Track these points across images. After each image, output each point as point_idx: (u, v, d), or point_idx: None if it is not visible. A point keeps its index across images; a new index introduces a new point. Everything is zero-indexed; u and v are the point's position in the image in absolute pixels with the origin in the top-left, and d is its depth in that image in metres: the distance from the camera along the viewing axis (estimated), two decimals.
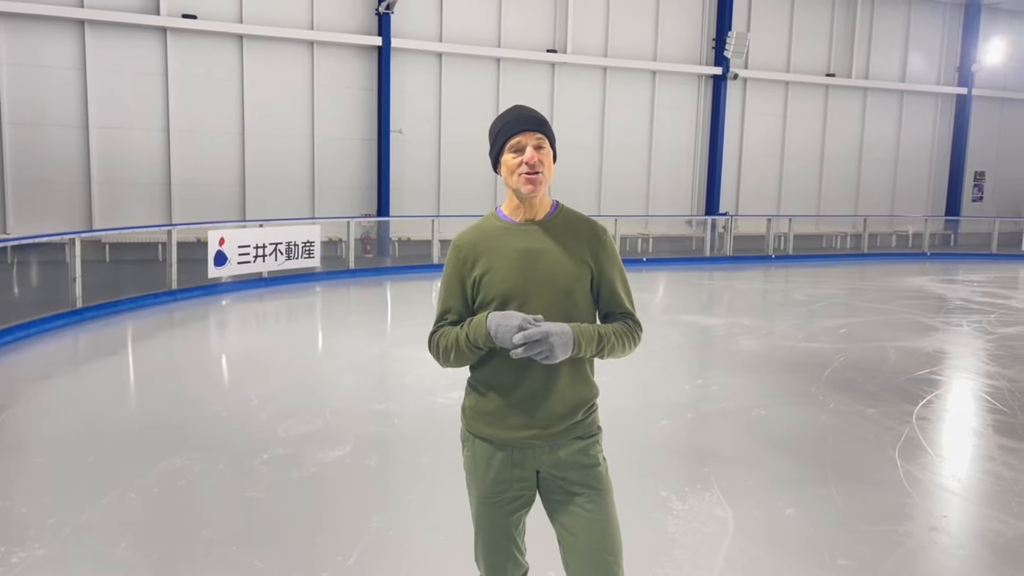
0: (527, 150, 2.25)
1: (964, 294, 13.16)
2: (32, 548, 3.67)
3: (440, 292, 2.40)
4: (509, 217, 2.37)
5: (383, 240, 16.44)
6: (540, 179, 2.27)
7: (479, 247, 2.33)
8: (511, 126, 2.28)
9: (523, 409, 2.29)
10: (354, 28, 16.07)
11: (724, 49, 18.81)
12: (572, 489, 2.34)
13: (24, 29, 13.74)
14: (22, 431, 5.55)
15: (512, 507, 2.36)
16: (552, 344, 2.13)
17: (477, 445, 2.38)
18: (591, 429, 2.40)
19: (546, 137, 2.30)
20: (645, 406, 6.28)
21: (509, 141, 2.27)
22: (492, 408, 2.32)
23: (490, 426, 2.34)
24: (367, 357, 8.11)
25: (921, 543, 3.93)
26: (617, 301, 2.38)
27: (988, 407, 6.47)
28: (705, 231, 18.34)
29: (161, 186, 15.05)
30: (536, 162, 2.25)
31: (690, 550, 3.79)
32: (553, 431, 2.31)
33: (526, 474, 2.34)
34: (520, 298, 2.26)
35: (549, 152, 2.30)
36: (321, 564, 3.57)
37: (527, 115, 2.30)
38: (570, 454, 2.34)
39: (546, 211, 2.38)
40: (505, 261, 2.28)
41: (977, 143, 23.11)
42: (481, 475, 2.36)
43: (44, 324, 8.66)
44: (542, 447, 2.31)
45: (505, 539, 2.39)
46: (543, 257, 2.28)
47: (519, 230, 2.33)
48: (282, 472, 4.67)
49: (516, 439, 2.31)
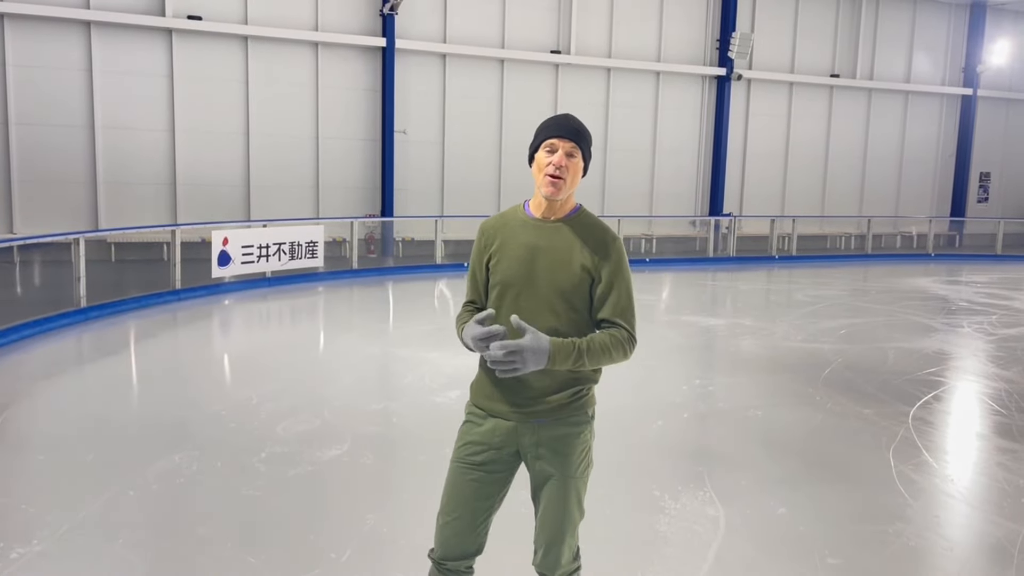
0: (558, 153, 2.38)
1: (967, 295, 13.15)
2: (31, 544, 3.72)
3: (468, 272, 2.61)
4: (532, 212, 2.51)
5: (386, 240, 16.50)
6: (562, 184, 2.38)
7: (498, 233, 2.51)
8: (552, 128, 2.41)
9: (510, 386, 2.44)
10: (358, 29, 16.13)
11: (728, 50, 18.80)
12: (546, 469, 2.46)
13: (31, 30, 13.84)
14: (24, 429, 5.62)
15: (474, 473, 2.46)
16: (524, 357, 2.22)
17: (474, 412, 2.54)
18: (579, 415, 2.48)
19: (580, 149, 2.41)
20: (642, 406, 6.31)
21: (547, 140, 2.40)
22: (489, 382, 2.48)
23: (486, 398, 2.50)
24: (368, 357, 8.16)
25: (911, 543, 3.95)
26: (612, 311, 2.41)
27: (985, 408, 6.49)
28: (709, 232, 18.34)
29: (166, 186, 15.13)
30: (563, 166, 2.37)
31: (680, 548, 3.82)
32: (537, 409, 2.43)
33: (503, 444, 2.46)
34: (517, 288, 2.41)
35: (579, 163, 2.42)
36: (314, 561, 3.61)
37: (570, 124, 2.42)
38: (553, 439, 2.45)
39: (567, 212, 2.48)
40: (513, 252, 2.44)
41: (982, 144, 23.05)
42: (463, 435, 2.54)
43: (48, 323, 8.73)
44: (525, 424, 2.44)
45: (459, 505, 2.47)
46: (546, 255, 2.41)
47: (535, 226, 2.47)
48: (279, 471, 4.71)
49: (504, 412, 2.45)
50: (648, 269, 16.21)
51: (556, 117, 2.46)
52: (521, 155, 17.80)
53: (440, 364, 7.45)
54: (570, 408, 2.45)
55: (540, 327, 2.33)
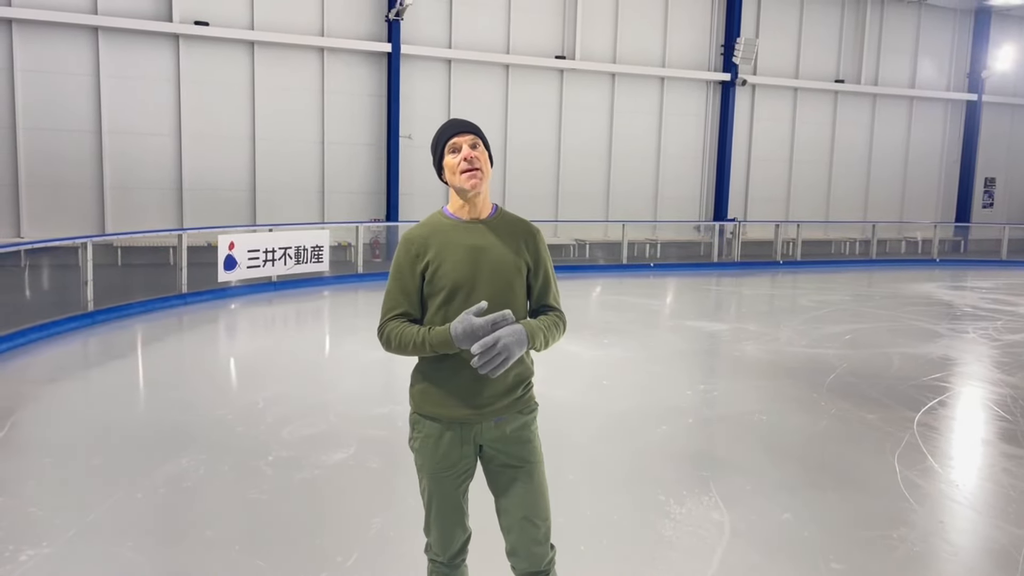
0: (463, 148, 2.51)
1: (972, 301, 13.13)
2: (40, 546, 3.75)
3: (389, 283, 2.59)
4: (455, 215, 2.61)
5: (391, 245, 16.52)
6: (480, 174, 2.51)
7: (429, 241, 2.55)
8: (446, 131, 2.56)
9: (469, 389, 2.51)
10: (364, 35, 16.19)
11: (733, 55, 18.82)
12: (510, 462, 2.58)
13: (39, 36, 13.92)
14: (32, 432, 5.65)
15: (459, 480, 2.60)
16: (507, 344, 2.32)
17: (427, 425, 2.59)
18: (530, 404, 2.65)
19: (479, 138, 2.55)
20: (646, 411, 6.33)
21: (447, 144, 2.54)
22: (440, 389, 2.54)
23: (439, 406, 2.55)
24: (372, 361, 8.18)
25: (916, 548, 3.96)
26: (548, 294, 2.65)
27: (990, 414, 6.48)
28: (713, 237, 18.34)
29: (172, 191, 15.19)
30: (473, 157, 2.49)
31: (685, 553, 3.83)
32: (497, 407, 2.54)
33: (472, 449, 2.58)
34: (467, 288, 2.49)
35: (484, 152, 2.55)
36: (321, 564, 3.63)
37: (460, 121, 2.59)
38: (514, 430, 2.58)
39: (488, 211, 2.63)
40: (455, 254, 2.50)
41: (987, 149, 23.02)
42: (431, 453, 2.58)
43: (56, 327, 8.78)
44: (487, 422, 2.54)
45: (454, 510, 2.62)
46: (488, 252, 2.52)
47: (465, 227, 2.57)
48: (285, 474, 4.74)
49: (463, 415, 2.52)
50: (652, 274, 16.22)
51: (448, 122, 2.59)
52: (527, 158, 17.88)
53: None
54: (523, 400, 2.60)
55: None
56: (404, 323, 2.52)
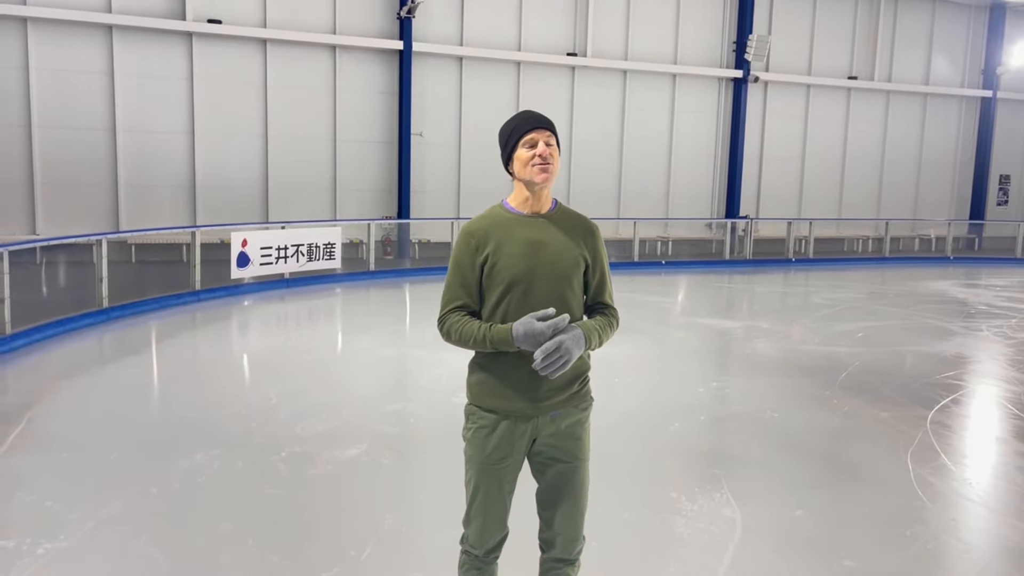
0: (540, 144, 2.51)
1: (986, 298, 13.05)
2: (57, 540, 3.79)
3: (449, 276, 2.59)
4: (517, 209, 2.60)
5: (403, 242, 16.57)
6: (551, 170, 2.52)
7: (490, 234, 2.54)
8: (524, 124, 2.55)
9: (528, 383, 2.52)
10: (375, 32, 16.23)
11: (745, 52, 18.76)
12: (560, 457, 2.60)
13: (54, 34, 14.03)
14: (48, 428, 5.71)
15: (508, 475, 2.60)
16: (568, 347, 2.37)
17: (482, 416, 2.58)
18: (587, 400, 2.66)
19: (554, 136, 2.57)
20: (658, 408, 6.33)
21: (523, 138, 2.53)
22: (498, 382, 2.55)
23: (496, 398, 2.56)
24: (385, 358, 8.22)
25: (928, 546, 3.95)
26: (604, 291, 2.67)
27: (1005, 412, 6.45)
28: (725, 234, 18.29)
29: (186, 188, 15.29)
30: (548, 155, 2.51)
31: (697, 550, 3.84)
32: (554, 401, 2.55)
33: (525, 444, 2.57)
34: (526, 282, 2.49)
35: (557, 150, 2.56)
36: (334, 559, 3.66)
37: (538, 116, 2.58)
38: (569, 425, 2.60)
39: (549, 206, 2.62)
40: (514, 248, 2.51)
41: (1002, 146, 22.84)
42: (482, 444, 2.57)
43: (71, 323, 8.86)
44: (544, 417, 2.55)
45: (498, 504, 2.62)
46: (547, 247, 2.53)
47: (526, 221, 2.57)
48: (299, 470, 4.77)
49: (520, 408, 2.53)
50: (664, 271, 16.20)
51: (520, 114, 2.58)
52: None
53: (456, 365, 7.47)
54: (580, 395, 2.62)
55: None
56: (464, 316, 2.53)
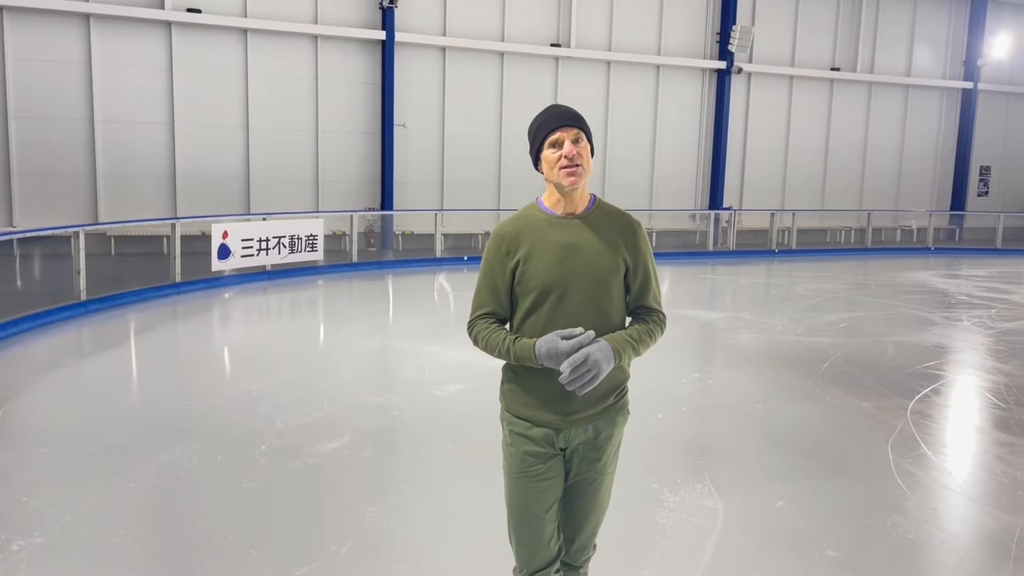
0: (565, 144, 2.35)
1: (966, 289, 13.15)
2: (32, 536, 3.73)
3: (480, 280, 2.48)
4: (550, 210, 2.45)
5: (386, 234, 16.49)
6: (580, 171, 2.35)
7: (521, 237, 2.41)
8: (548, 123, 2.38)
9: (558, 397, 2.39)
10: (358, 22, 16.09)
11: (728, 43, 18.77)
12: (588, 467, 2.49)
13: (30, 23, 13.80)
14: (25, 422, 5.63)
15: (542, 485, 2.44)
16: (596, 360, 2.23)
17: (513, 423, 2.48)
18: (624, 412, 2.54)
19: (583, 132, 2.38)
20: (642, 399, 6.26)
21: (548, 138, 2.37)
22: (530, 393, 2.43)
23: (526, 408, 2.45)
24: (367, 350, 8.17)
25: (909, 535, 3.96)
26: (647, 294, 2.49)
27: (984, 402, 6.50)
28: (708, 225, 18.32)
29: (166, 179, 15.11)
30: (575, 155, 2.34)
31: (679, 541, 3.84)
32: (587, 414, 2.43)
33: (557, 452, 2.46)
34: (560, 289, 2.35)
35: (587, 146, 2.39)
36: (315, 553, 3.63)
37: (563, 112, 2.40)
38: (603, 438, 2.48)
39: (585, 205, 2.46)
40: (547, 253, 2.37)
41: (983, 138, 23.01)
42: (515, 449, 2.46)
43: (48, 316, 8.74)
44: (578, 428, 2.43)
45: (534, 517, 2.45)
46: (582, 250, 2.37)
47: (560, 223, 2.42)
48: (279, 463, 4.73)
49: (552, 420, 2.41)
50: None
51: (546, 110, 2.43)
52: (521, 148, 17.70)
53: (440, 358, 7.46)
54: (616, 407, 2.49)
55: (587, 323, 2.34)
56: (492, 324, 2.42)
